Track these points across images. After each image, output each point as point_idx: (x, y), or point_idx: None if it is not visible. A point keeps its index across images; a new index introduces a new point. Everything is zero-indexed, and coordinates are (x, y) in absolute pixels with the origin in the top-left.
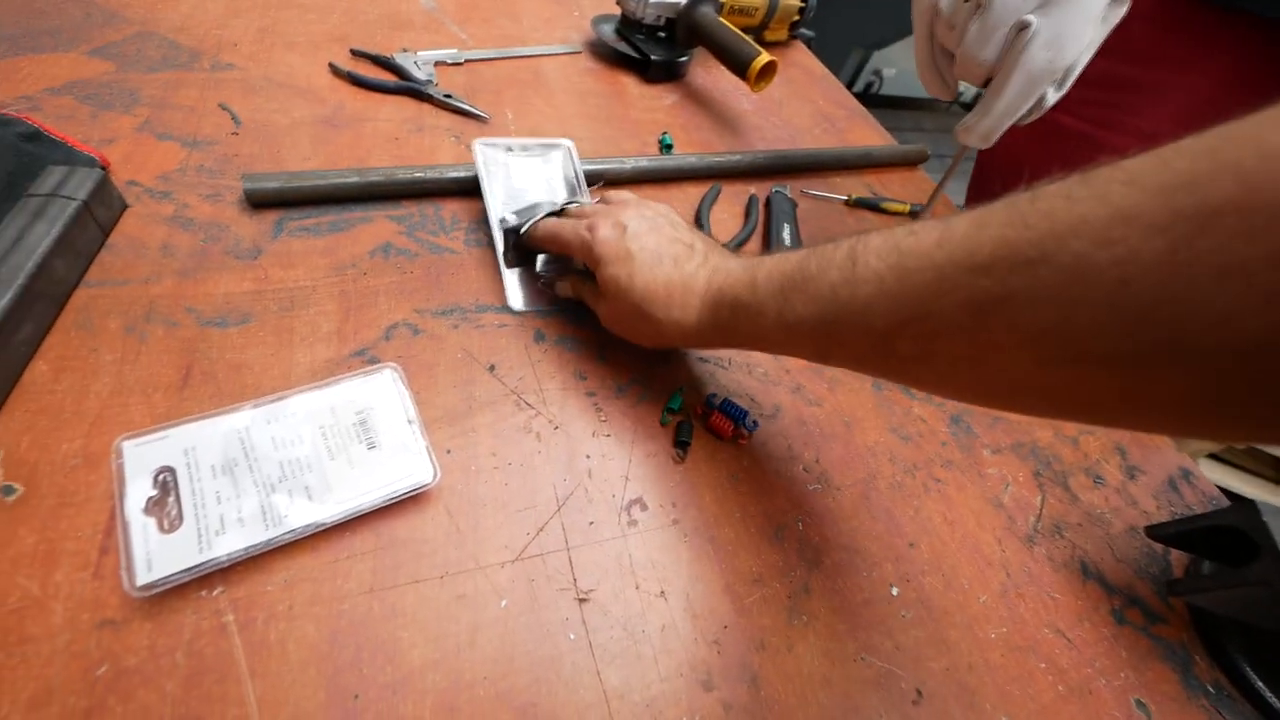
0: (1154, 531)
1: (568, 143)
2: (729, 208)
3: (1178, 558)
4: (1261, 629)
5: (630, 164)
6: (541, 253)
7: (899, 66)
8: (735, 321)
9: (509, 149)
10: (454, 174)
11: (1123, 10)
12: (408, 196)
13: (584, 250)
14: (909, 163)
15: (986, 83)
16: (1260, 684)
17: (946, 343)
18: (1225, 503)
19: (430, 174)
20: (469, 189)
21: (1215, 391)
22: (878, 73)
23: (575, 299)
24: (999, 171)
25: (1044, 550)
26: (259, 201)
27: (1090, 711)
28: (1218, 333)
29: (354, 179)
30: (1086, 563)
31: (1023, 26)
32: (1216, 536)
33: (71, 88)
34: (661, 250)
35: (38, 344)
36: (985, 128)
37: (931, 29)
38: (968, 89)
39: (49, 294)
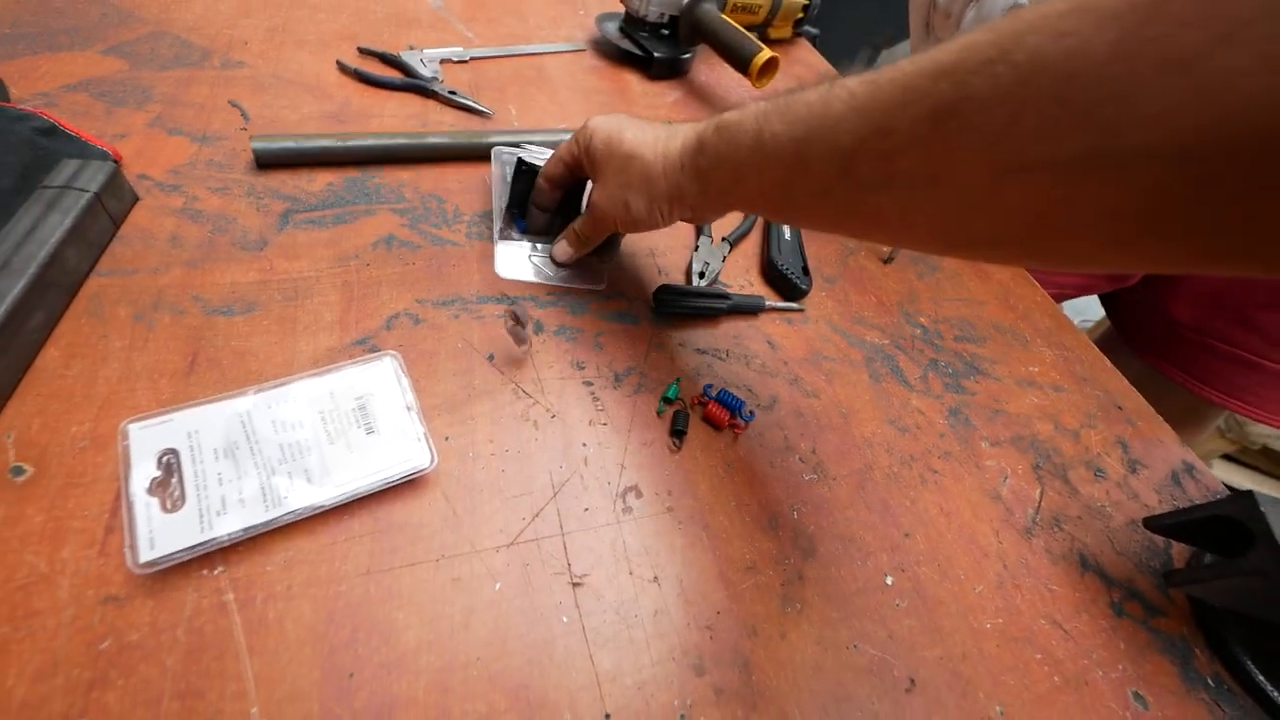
0: (1151, 523)
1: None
2: None
3: (1179, 551)
4: (1261, 622)
5: None
6: (547, 204)
7: None
8: (716, 145)
9: (520, 145)
10: (461, 141)
11: None
12: (413, 160)
13: (580, 136)
14: None
15: None
16: (1261, 678)
17: (904, 159)
18: (1214, 497)
19: (438, 140)
20: (476, 155)
21: (1150, 201)
22: None
23: (576, 250)
24: None
25: (1042, 542)
26: (267, 162)
27: (1086, 703)
28: (1152, 132)
29: (362, 142)
30: (1085, 555)
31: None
32: (1214, 527)
33: (87, 85)
34: (647, 122)
35: (50, 331)
36: None
37: (928, 21)
38: None
39: (61, 283)
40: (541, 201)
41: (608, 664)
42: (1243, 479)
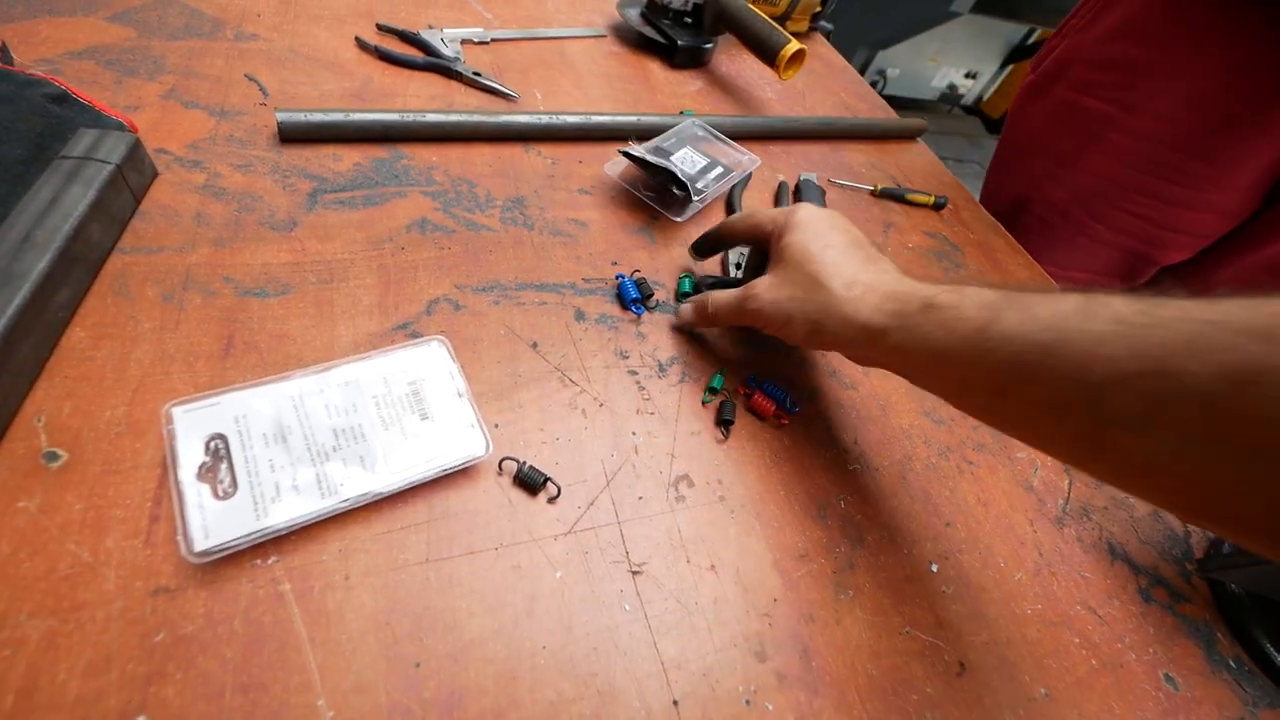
0: None
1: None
2: (759, 193)
3: (1198, 540)
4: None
5: (650, 118)
6: (729, 245)
7: (903, 67)
8: (920, 324)
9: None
10: (501, 121)
11: None
12: (447, 139)
13: (779, 219)
14: (908, 135)
15: None
16: (1279, 659)
17: (1179, 409)
18: None
19: (477, 119)
20: (506, 138)
21: None
22: (882, 73)
23: (699, 323)
24: (1022, 153)
25: (1073, 531)
26: (291, 135)
27: (1123, 685)
28: None
29: (394, 117)
30: (1113, 544)
31: None
32: None
33: (93, 52)
34: (859, 243)
35: (74, 310)
36: None
37: None
38: (969, 92)
39: (85, 258)
40: (714, 238)
41: (672, 651)
42: None
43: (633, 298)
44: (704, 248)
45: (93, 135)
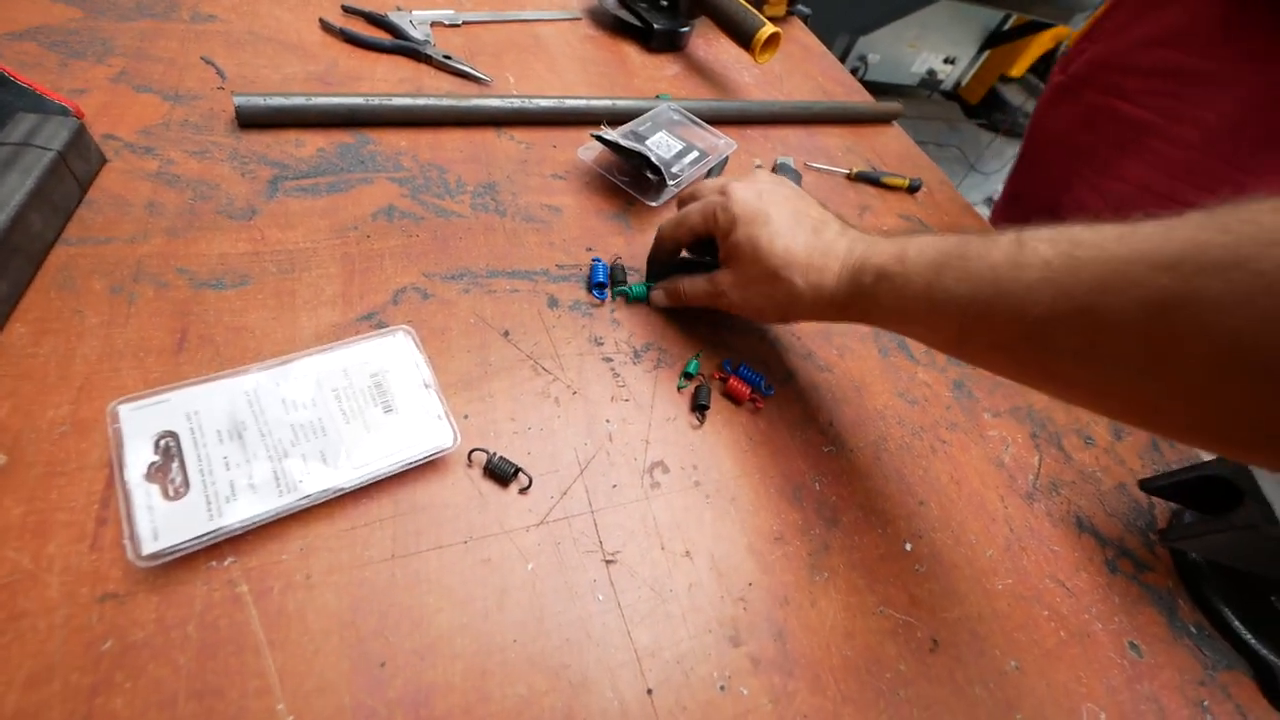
0: (1146, 484)
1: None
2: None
3: (1161, 511)
4: (1237, 573)
5: (625, 102)
6: (667, 259)
7: (883, 53)
8: (876, 292)
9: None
10: (472, 105)
11: None
12: (416, 124)
13: (715, 214)
14: (884, 119)
15: None
16: (1237, 624)
17: (1112, 342)
18: (1204, 459)
19: (447, 103)
20: (476, 122)
21: None
22: (863, 58)
23: (674, 303)
24: (1050, 158)
25: (1043, 506)
26: (250, 120)
27: (1090, 654)
28: None
29: (360, 101)
30: (1081, 517)
31: None
32: (1202, 487)
33: (35, 33)
34: (799, 215)
35: (15, 304)
36: None
37: None
38: (948, 77)
39: (25, 249)
40: (661, 256)
41: (646, 639)
42: None
43: (597, 281)
44: (658, 272)
45: (32, 120)
